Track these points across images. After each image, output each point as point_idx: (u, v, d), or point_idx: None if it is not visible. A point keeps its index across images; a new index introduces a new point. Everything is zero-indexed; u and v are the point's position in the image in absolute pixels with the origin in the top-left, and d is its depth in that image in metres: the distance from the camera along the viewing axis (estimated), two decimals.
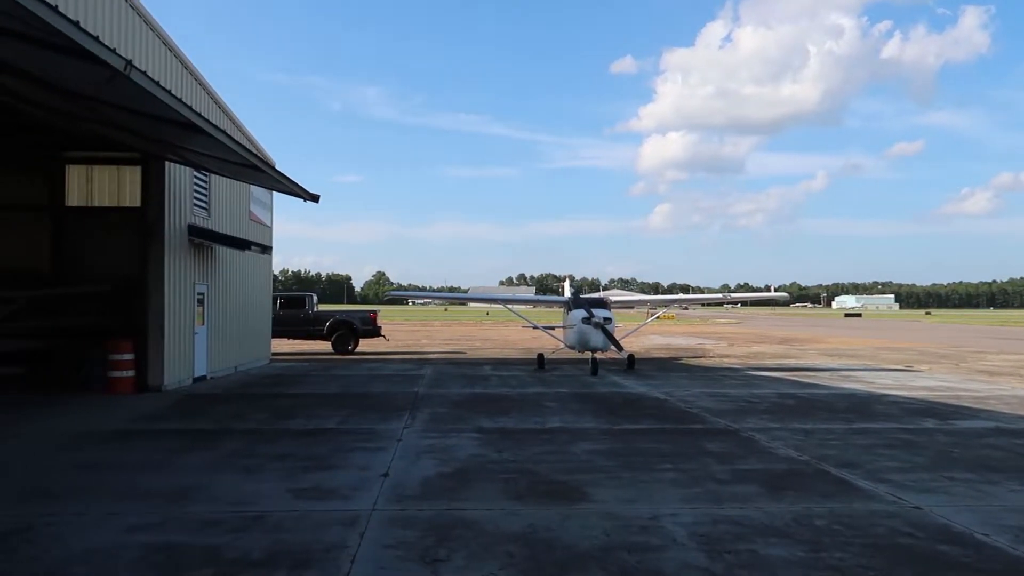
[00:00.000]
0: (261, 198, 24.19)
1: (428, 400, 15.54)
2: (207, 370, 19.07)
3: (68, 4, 10.67)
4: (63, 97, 10.97)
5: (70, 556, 5.94)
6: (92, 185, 24.47)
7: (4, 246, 23.67)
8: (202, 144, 12.07)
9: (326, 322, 29.81)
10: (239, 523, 6.81)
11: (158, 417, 13.09)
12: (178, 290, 17.28)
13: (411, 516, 7.08)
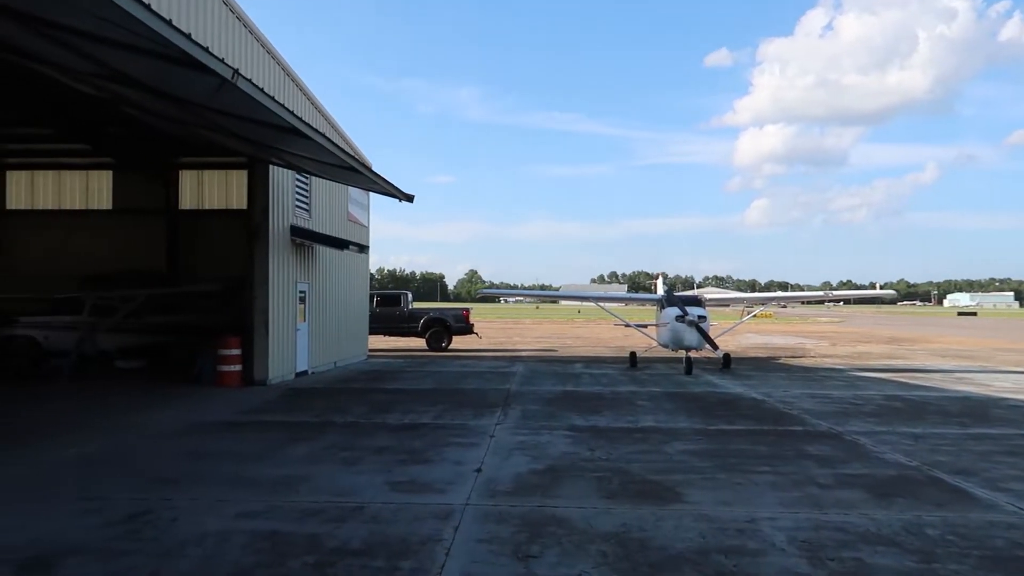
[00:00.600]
0: (358, 199, 24.91)
1: (520, 397, 15.63)
2: (308, 365, 19.79)
3: (180, 17, 11.29)
4: (177, 106, 11.62)
5: (186, 539, 6.30)
6: (203, 189, 25.88)
7: (126, 247, 25.36)
8: (304, 147, 12.53)
9: (420, 319, 30.43)
10: (339, 513, 7.05)
11: (263, 410, 13.68)
12: (281, 288, 18.00)
13: (504, 512, 7.14)
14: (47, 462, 9.23)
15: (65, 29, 8.12)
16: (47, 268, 25.57)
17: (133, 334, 20.91)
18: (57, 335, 18.84)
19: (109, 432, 11.25)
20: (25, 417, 13.21)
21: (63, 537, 6.32)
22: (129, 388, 16.57)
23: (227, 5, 14.61)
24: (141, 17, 6.15)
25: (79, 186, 26.19)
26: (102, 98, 14.09)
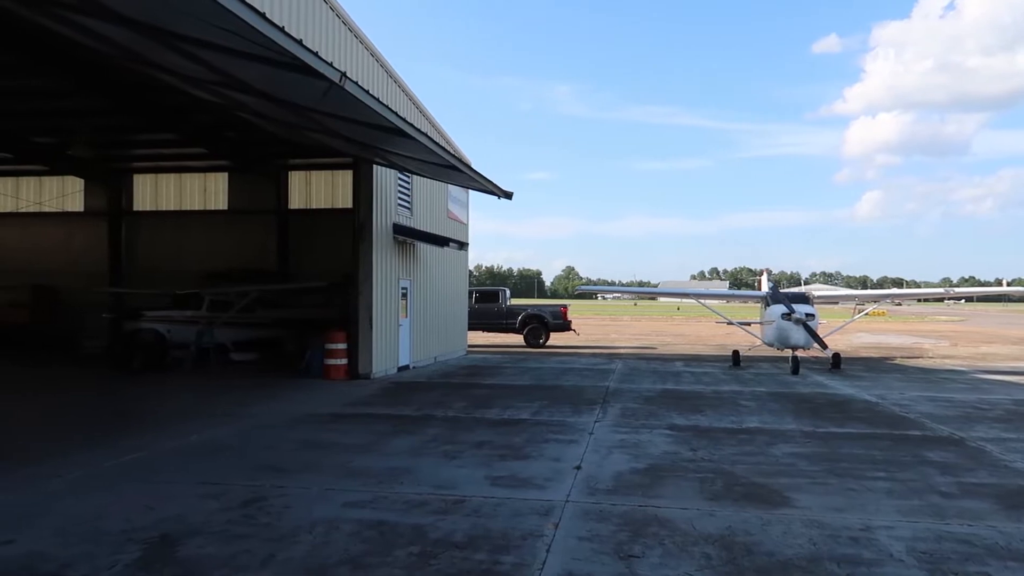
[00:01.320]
0: (458, 196, 25.29)
1: (619, 395, 15.49)
2: (410, 360, 20.26)
3: (291, 24, 11.75)
4: (288, 109, 12.11)
5: (298, 526, 6.56)
6: (310, 189, 26.89)
7: (240, 246, 26.67)
8: (407, 147, 12.82)
9: (518, 316, 30.64)
10: (442, 506, 7.18)
11: (367, 403, 14.10)
12: (385, 285, 18.50)
13: (605, 510, 7.09)
14: (171, 448, 9.82)
15: (189, 40, 8.60)
16: (168, 265, 27.22)
17: (246, 328, 21.98)
18: (179, 329, 20.01)
19: (226, 421, 11.87)
20: (152, 405, 14.12)
21: (185, 519, 6.70)
22: (243, 379, 17.42)
23: (334, 10, 15.11)
24: (257, 26, 6.45)
25: (198, 188, 27.72)
26: (219, 104, 14.85)
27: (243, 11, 6.21)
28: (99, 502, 7.25)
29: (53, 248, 28.12)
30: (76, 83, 17.55)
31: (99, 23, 9.34)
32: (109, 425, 12.05)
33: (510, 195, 16.65)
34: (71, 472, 8.41)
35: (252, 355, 21.22)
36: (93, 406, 14.05)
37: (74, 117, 20.99)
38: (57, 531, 6.36)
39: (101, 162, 25.67)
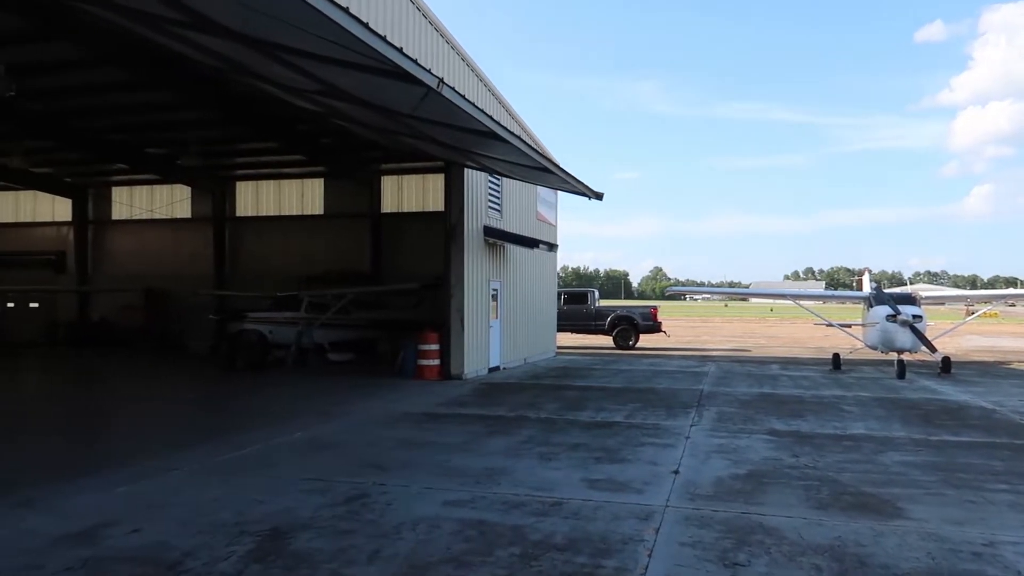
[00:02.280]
0: (547, 198, 25.34)
1: (714, 398, 15.16)
2: (500, 361, 20.42)
3: (390, 32, 12.03)
4: (383, 115, 12.43)
5: (400, 523, 6.71)
6: (402, 193, 27.49)
7: (335, 249, 27.53)
8: (499, 150, 12.93)
9: (607, 317, 30.43)
10: (540, 507, 7.20)
11: (461, 403, 14.29)
12: (476, 287, 18.71)
13: (706, 516, 6.95)
14: (276, 444, 10.22)
15: (293, 52, 8.94)
16: (268, 268, 28.38)
17: (342, 329, 22.65)
18: (280, 330, 20.81)
19: (327, 419, 12.26)
20: (257, 403, 14.74)
21: (294, 514, 6.95)
22: (340, 379, 17.95)
23: (427, 17, 15.41)
24: (361, 35, 6.65)
25: (296, 194, 28.78)
26: (318, 112, 15.37)
27: (348, 22, 6.41)
28: (214, 495, 7.61)
29: (163, 253, 29.76)
30: (188, 97, 18.53)
31: (210, 38, 9.82)
32: (219, 422, 12.64)
33: (600, 196, 16.57)
34: (187, 465, 8.86)
35: (348, 355, 21.84)
36: (204, 403, 14.78)
37: (184, 129, 22.17)
38: (178, 521, 6.71)
39: (207, 171, 26.98)
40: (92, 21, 11.80)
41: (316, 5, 5.99)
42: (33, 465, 9.37)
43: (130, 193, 30.40)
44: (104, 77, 18.29)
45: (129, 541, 6.21)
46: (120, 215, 30.56)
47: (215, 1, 7.33)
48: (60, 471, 8.79)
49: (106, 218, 30.72)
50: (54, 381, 19.43)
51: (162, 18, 9.16)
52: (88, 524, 6.62)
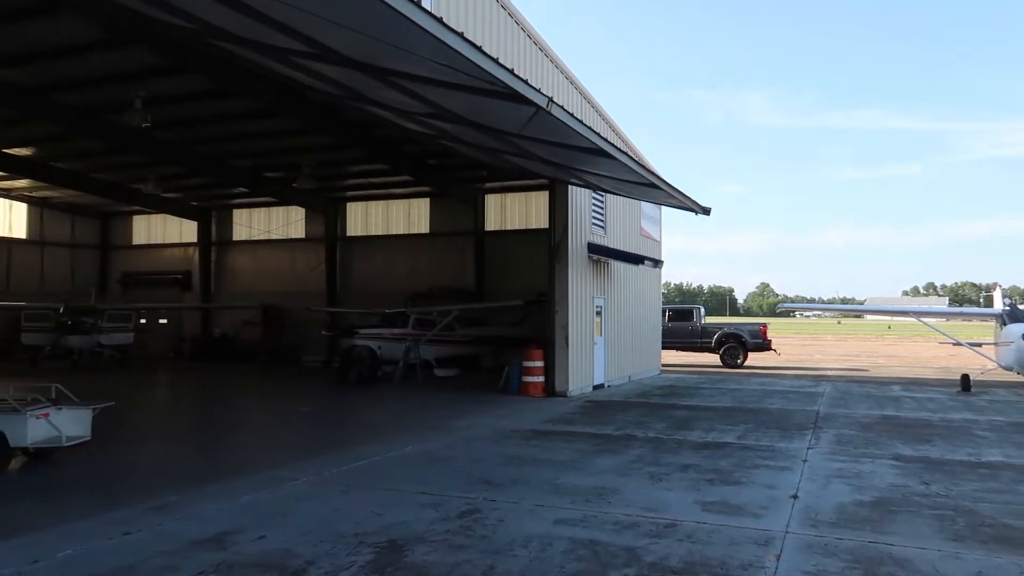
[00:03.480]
0: (650, 213, 25.06)
1: (831, 420, 14.51)
2: (604, 379, 20.26)
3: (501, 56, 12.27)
4: (490, 135, 12.64)
5: (513, 539, 6.73)
6: (505, 211, 27.83)
7: (442, 266, 28.14)
8: (605, 167, 12.91)
9: (714, 334, 29.71)
10: (653, 528, 7.07)
11: (567, 420, 14.24)
12: (580, 303, 18.67)
13: (830, 544, 6.64)
14: (390, 457, 10.48)
15: (406, 76, 9.25)
16: (377, 286, 29.30)
17: (448, 345, 23.07)
18: (389, 346, 21.38)
19: (436, 434, 12.48)
20: (369, 417, 15.19)
21: (409, 527, 7.10)
22: (446, 394, 18.26)
23: (532, 38, 15.62)
24: (474, 59, 6.81)
25: (403, 213, 29.64)
26: (427, 134, 15.80)
27: (463, 46, 6.58)
28: (333, 505, 7.87)
29: (279, 271, 31.23)
30: (305, 123, 19.47)
31: (331, 67, 10.29)
32: (335, 434, 13.10)
33: (708, 211, 16.24)
34: (307, 476, 9.21)
35: (453, 371, 22.20)
36: (319, 416, 15.34)
37: (301, 153, 23.27)
38: (300, 530, 6.97)
39: (320, 193, 28.18)
40: (223, 55, 12.58)
41: (434, 32, 6.19)
42: (166, 472, 9.99)
43: (249, 215, 32.11)
44: (230, 107, 19.47)
45: (256, 547, 6.49)
46: (240, 236, 32.32)
47: (341, 33, 7.68)
48: (190, 479, 9.31)
49: (227, 239, 32.56)
50: (181, 393, 20.65)
51: (289, 51, 9.68)
52: (218, 529, 6.98)
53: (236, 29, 9.85)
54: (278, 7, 7.50)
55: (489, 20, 13.84)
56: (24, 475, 9.36)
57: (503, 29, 14.39)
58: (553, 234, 18.05)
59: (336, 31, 7.87)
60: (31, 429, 9.26)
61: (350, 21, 7.24)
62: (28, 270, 31.86)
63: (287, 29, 8.40)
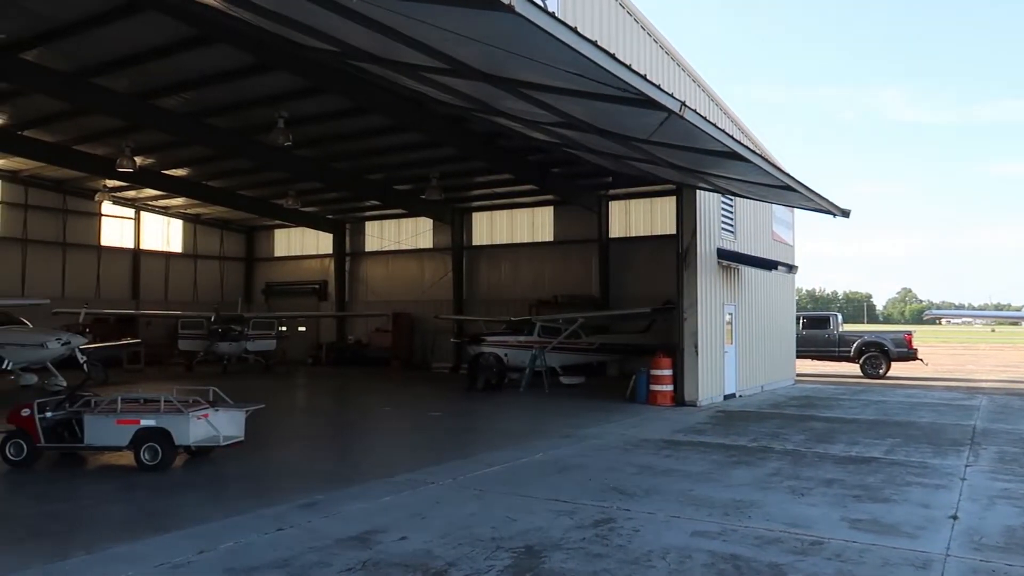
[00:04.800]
0: (783, 217, 24.12)
1: (991, 435, 13.42)
2: (736, 388, 19.63)
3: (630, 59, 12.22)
4: (617, 142, 12.56)
5: (650, 551, 6.64)
6: (629, 217, 27.58)
7: (566, 274, 28.23)
8: (736, 170, 12.55)
9: (853, 343, 28.16)
10: (798, 545, 6.78)
11: (698, 430, 13.90)
12: (709, 310, 18.20)
13: (998, 570, 6.15)
14: (522, 464, 10.59)
15: (535, 86, 9.36)
16: (501, 294, 29.75)
17: (574, 353, 23.08)
18: (515, 353, 21.64)
19: (566, 441, 12.50)
20: (499, 423, 15.42)
21: (545, 533, 7.14)
22: (573, 402, 18.24)
23: (658, 43, 15.44)
24: (609, 67, 6.80)
25: (527, 222, 29.93)
26: (552, 143, 15.91)
27: (597, 55, 6.59)
28: (469, 509, 8.04)
29: (408, 280, 32.30)
30: (434, 136, 20.08)
31: (462, 81, 10.57)
32: (466, 439, 13.39)
33: (847, 213, 15.45)
34: (442, 480, 9.45)
35: (579, 379, 22.17)
36: (450, 421, 15.71)
37: (429, 166, 24.00)
38: (439, 532, 7.16)
39: (447, 203, 28.93)
40: (359, 75, 13.18)
41: (570, 42, 6.24)
42: (311, 472, 10.52)
43: (380, 227, 33.40)
44: (363, 123, 20.38)
45: (398, 547, 6.72)
46: (372, 247, 33.66)
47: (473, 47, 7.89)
48: (333, 479, 9.77)
49: (360, 250, 33.99)
50: (320, 397, 21.71)
51: (421, 67, 10.02)
52: (362, 529, 7.28)
53: (373, 49, 10.30)
54: (415, 26, 7.78)
55: (613, 24, 13.78)
56: (187, 471, 10.12)
57: (628, 33, 14.30)
58: (681, 240, 17.71)
59: (469, 45, 8.08)
60: (193, 429, 10.00)
61: (485, 36, 7.41)
62: (183, 281, 34.48)
63: (422, 46, 8.70)
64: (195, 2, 10.78)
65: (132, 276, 32.57)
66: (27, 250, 29.02)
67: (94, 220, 31.31)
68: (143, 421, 9.94)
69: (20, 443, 10.11)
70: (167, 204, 32.85)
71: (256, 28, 11.88)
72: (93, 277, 31.14)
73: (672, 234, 20.50)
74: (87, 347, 20.79)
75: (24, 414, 10.15)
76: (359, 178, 26.37)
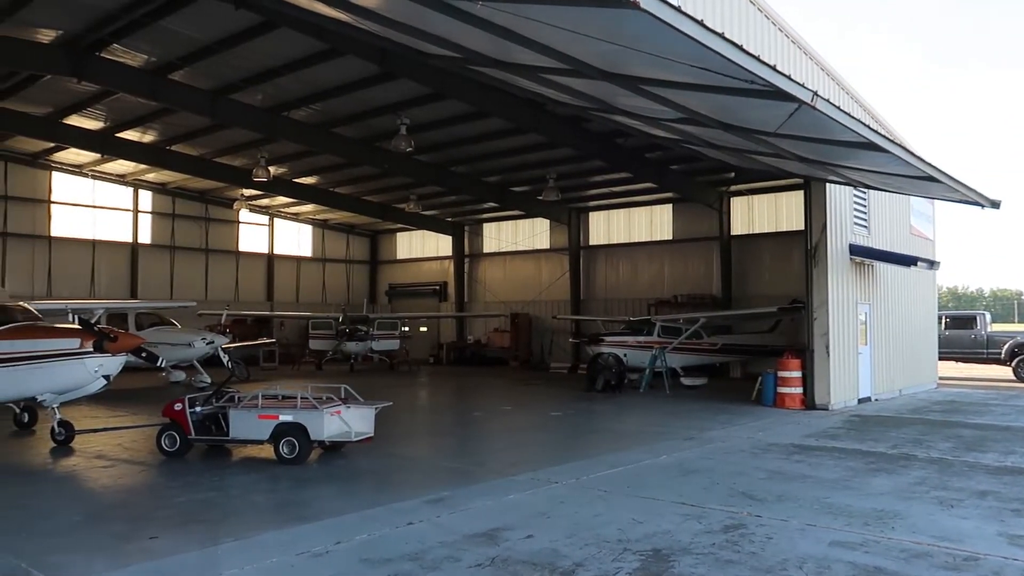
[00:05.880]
0: (922, 210, 22.63)
1: None
2: (871, 391, 18.60)
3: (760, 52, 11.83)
4: (741, 136, 12.16)
5: (785, 559, 6.37)
6: (752, 213, 26.70)
7: (685, 273, 27.68)
8: (872, 161, 11.88)
9: (1004, 344, 26.04)
10: (949, 560, 6.34)
11: (830, 435, 13.25)
12: (841, 309, 17.33)
13: None
14: (646, 465, 10.44)
15: (657, 83, 9.22)
16: (619, 293, 29.50)
17: (696, 354, 22.56)
18: (634, 353, 21.38)
19: (690, 444, 12.22)
20: (620, 424, 15.28)
21: (672, 537, 7.00)
22: (695, 404, 17.81)
23: (782, 31, 14.84)
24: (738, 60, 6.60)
25: (645, 221, 29.54)
26: (672, 140, 15.61)
27: (725, 47, 6.40)
28: (594, 510, 7.99)
29: (525, 281, 32.56)
30: (549, 137, 20.16)
31: (578, 80, 10.54)
32: (587, 439, 13.34)
33: (998, 204, 14.30)
34: (565, 479, 9.45)
35: (701, 380, 21.64)
36: (570, 421, 15.70)
37: (545, 167, 24.11)
38: (565, 532, 7.16)
39: (564, 204, 28.96)
40: (479, 79, 13.40)
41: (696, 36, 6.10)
42: (437, 468, 10.78)
43: (498, 228, 33.86)
44: (482, 127, 20.75)
45: (525, 545, 6.77)
46: (490, 248, 34.18)
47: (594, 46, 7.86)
48: (459, 475, 9.98)
49: (478, 251, 34.59)
50: (442, 395, 22.22)
51: (541, 68, 10.08)
52: (489, 526, 7.38)
53: (493, 52, 10.45)
54: (536, 27, 7.83)
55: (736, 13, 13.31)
56: (321, 465, 10.59)
57: (752, 22, 13.79)
58: (809, 236, 16.95)
59: (589, 44, 8.05)
60: (327, 425, 10.46)
61: (606, 34, 7.36)
62: (313, 284, 36.21)
63: (542, 47, 8.75)
64: (327, 17, 11.28)
65: (267, 279, 34.52)
66: (175, 256, 31.31)
67: (233, 227, 33.41)
68: (282, 416, 10.50)
69: (174, 435, 10.90)
70: (297, 211, 34.60)
71: (381, 39, 12.31)
72: (232, 280, 33.23)
73: (799, 230, 19.70)
74: (228, 346, 22.20)
75: (177, 408, 10.94)
76: (477, 181, 26.85)
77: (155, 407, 13.05)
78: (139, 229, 30.50)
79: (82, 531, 7.38)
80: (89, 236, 29.08)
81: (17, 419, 13.59)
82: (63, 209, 28.58)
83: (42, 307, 13.55)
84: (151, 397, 17.88)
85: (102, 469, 10.40)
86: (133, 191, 30.27)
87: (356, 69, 16.92)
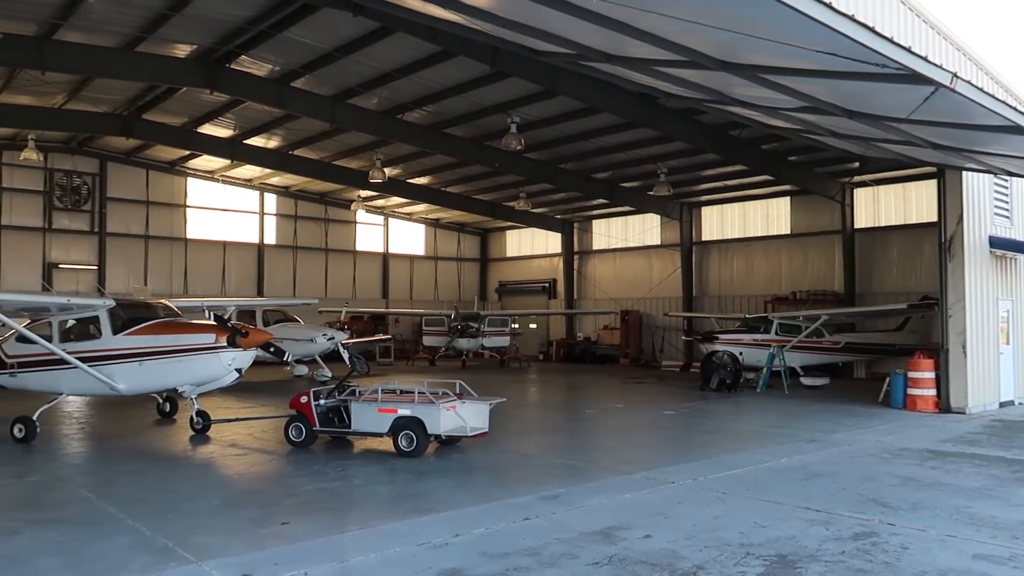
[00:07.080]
0: None
1: None
2: (1015, 395, 17.25)
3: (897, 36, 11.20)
4: (868, 123, 11.52)
5: (922, 571, 6.01)
6: (878, 205, 25.33)
7: (804, 268, 26.58)
8: (1017, 147, 11.01)
9: None
10: None
11: (969, 440, 12.39)
12: (979, 306, 16.15)
13: None
14: (765, 468, 10.09)
15: (776, 70, 8.87)
16: (733, 290, 28.64)
17: (817, 352, 21.62)
18: (751, 351, 20.71)
19: (812, 446, 11.72)
20: (736, 424, 14.85)
21: (797, 543, 6.72)
22: (816, 404, 17.05)
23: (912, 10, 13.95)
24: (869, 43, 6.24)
25: (760, 215, 28.52)
26: (792, 130, 14.99)
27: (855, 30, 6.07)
28: (713, 512, 7.79)
29: (636, 277, 32.14)
30: (661, 131, 19.79)
31: (693, 71, 10.29)
32: (703, 439, 13.02)
33: None
34: (682, 479, 9.26)
35: (823, 380, 20.70)
36: (685, 420, 15.39)
37: (656, 161, 23.69)
38: (683, 533, 7.02)
39: (675, 199, 28.38)
40: (591, 74, 13.31)
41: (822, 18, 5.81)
42: (551, 465, 10.78)
43: (607, 224, 33.57)
44: (592, 123, 20.61)
45: (643, 545, 6.68)
46: (599, 245, 33.95)
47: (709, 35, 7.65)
48: (573, 473, 9.96)
49: (588, 248, 34.42)
50: (553, 392, 22.25)
51: (653, 60, 9.90)
52: (605, 524, 7.32)
53: (606, 47, 10.35)
54: (649, 18, 7.70)
55: None
56: (438, 458, 10.82)
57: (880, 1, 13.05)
58: (944, 228, 15.88)
59: (708, 34, 7.84)
60: (443, 419, 10.67)
61: (723, 21, 7.14)
62: (425, 281, 37.07)
63: (657, 39, 8.59)
64: (440, 19, 11.50)
65: (382, 277, 35.62)
66: (297, 256, 32.82)
67: (350, 227, 34.67)
68: (400, 410, 10.80)
69: (300, 426, 11.42)
70: (411, 210, 35.53)
71: (492, 38, 12.43)
72: (350, 279, 34.49)
73: (931, 222, 18.54)
74: (347, 342, 23.06)
75: (303, 401, 11.45)
76: (587, 177, 26.71)
77: (280, 399, 13.73)
78: (265, 230, 32.16)
79: (220, 515, 7.85)
80: (220, 238, 30.91)
81: (160, 408, 14.64)
82: (197, 212, 30.53)
83: (180, 304, 14.50)
84: (276, 390, 18.84)
85: (236, 457, 11.03)
86: (259, 194, 31.95)
87: (468, 69, 17.18)
